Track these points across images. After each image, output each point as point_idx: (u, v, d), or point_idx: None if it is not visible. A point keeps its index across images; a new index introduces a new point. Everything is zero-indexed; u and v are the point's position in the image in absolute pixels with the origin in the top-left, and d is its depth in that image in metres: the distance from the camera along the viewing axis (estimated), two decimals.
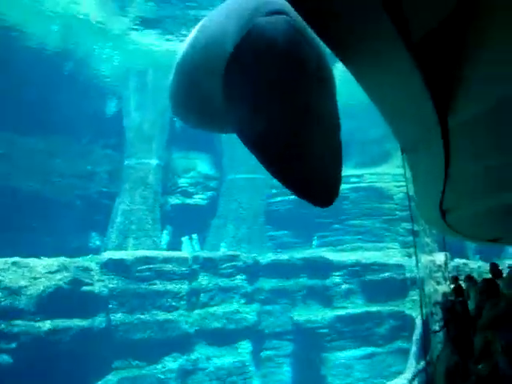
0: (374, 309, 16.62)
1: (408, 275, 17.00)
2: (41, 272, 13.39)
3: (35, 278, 13.21)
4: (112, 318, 14.55)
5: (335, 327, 16.36)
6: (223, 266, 16.78)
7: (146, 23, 15.80)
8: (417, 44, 2.22)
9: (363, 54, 2.42)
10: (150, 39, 16.60)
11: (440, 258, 15.91)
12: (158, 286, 15.44)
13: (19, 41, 15.69)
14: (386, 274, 17.18)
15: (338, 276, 17.35)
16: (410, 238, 18.88)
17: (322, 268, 17.39)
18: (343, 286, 17.25)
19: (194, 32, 5.55)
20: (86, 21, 15.50)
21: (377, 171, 21.22)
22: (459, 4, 2.13)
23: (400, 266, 17.33)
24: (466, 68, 2.39)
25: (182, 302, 15.67)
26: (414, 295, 16.34)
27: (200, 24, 5.42)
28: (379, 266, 17.37)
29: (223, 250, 18.42)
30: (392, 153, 19.44)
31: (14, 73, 15.59)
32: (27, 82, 15.92)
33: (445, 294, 7.58)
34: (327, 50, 2.67)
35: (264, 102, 4.08)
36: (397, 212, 20.36)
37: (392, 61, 2.38)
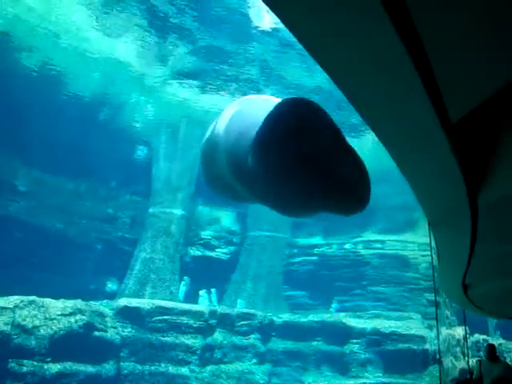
0: (391, 381, 16.03)
1: (428, 347, 16.49)
2: (56, 313, 13.35)
3: (49, 319, 13.16)
4: (122, 366, 14.33)
5: None
6: (239, 323, 16.55)
7: (183, 76, 16.21)
8: (454, 125, 2.22)
9: (401, 135, 2.43)
10: (185, 92, 16.99)
11: (459, 332, 15.44)
12: (172, 338, 15.23)
13: (60, 86, 16.23)
14: (406, 345, 16.63)
15: (355, 343, 16.87)
16: (432, 309, 18.42)
17: (340, 333, 16.98)
18: (360, 354, 16.75)
19: (219, 119, 6.41)
20: (125, 70, 15.97)
21: (401, 238, 20.95)
22: (497, 91, 2.13)
23: (420, 338, 16.81)
24: (500, 151, 2.36)
25: (194, 357, 15.39)
26: (433, 370, 15.78)
27: (223, 114, 6.32)
28: (399, 335, 16.85)
29: (240, 307, 18.19)
30: (417, 221, 19.25)
31: (50, 115, 16.07)
32: (62, 124, 16.37)
33: (462, 371, 7.41)
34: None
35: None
36: (420, 281, 19.95)
37: (429, 141, 2.37)
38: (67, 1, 13.10)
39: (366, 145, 18.43)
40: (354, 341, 16.87)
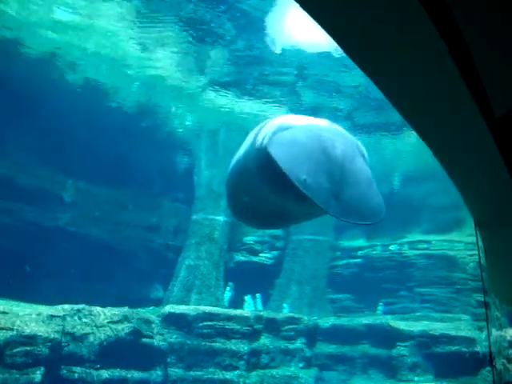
0: None
1: (478, 350, 16.04)
2: (104, 321, 13.58)
3: (98, 327, 13.40)
4: (169, 372, 14.47)
5: None
6: (285, 327, 16.50)
7: (221, 83, 16.32)
8: (499, 120, 2.15)
9: (444, 133, 2.37)
10: (224, 99, 17.10)
11: (511, 333, 14.97)
12: (218, 343, 15.29)
13: (102, 99, 16.59)
14: (456, 348, 16.21)
15: (404, 346, 16.55)
16: (481, 310, 17.95)
17: (387, 336, 16.72)
18: (409, 358, 16.43)
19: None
20: (164, 79, 16.19)
21: (447, 238, 20.51)
22: None
23: (470, 340, 16.37)
24: None
25: (241, 362, 15.41)
26: (486, 373, 15.34)
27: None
28: (448, 338, 16.42)
29: (285, 311, 18.16)
30: (464, 220, 18.83)
31: (93, 127, 16.46)
32: (105, 135, 16.73)
33: None
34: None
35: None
36: (468, 282, 19.48)
37: (473, 138, 2.31)
38: (105, 19, 13.36)
39: (406, 144, 18.17)
40: (402, 344, 16.56)
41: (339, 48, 2.07)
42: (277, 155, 5.58)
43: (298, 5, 1.86)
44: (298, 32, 13.25)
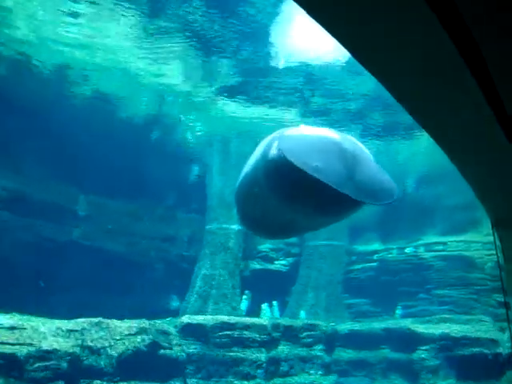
0: None
1: (501, 351, 15.80)
2: (122, 333, 13.59)
3: (116, 339, 13.41)
4: (188, 383, 14.44)
5: None
6: (303, 334, 16.42)
7: (230, 92, 16.36)
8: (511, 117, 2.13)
9: (457, 134, 2.35)
10: (233, 107, 17.13)
11: None
12: (236, 352, 15.24)
13: (112, 112, 16.72)
14: (478, 350, 15.94)
15: (424, 350, 16.35)
16: (502, 311, 17.72)
17: (407, 340, 16.54)
18: (430, 361, 16.23)
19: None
20: (173, 91, 16.26)
21: (463, 238, 20.32)
22: None
23: (493, 341, 16.13)
24: None
25: (260, 371, 15.33)
26: (510, 375, 15.10)
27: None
28: (470, 340, 16.15)
29: (302, 318, 18.08)
30: (480, 219, 18.66)
31: (104, 140, 16.57)
32: (116, 148, 16.83)
33: None
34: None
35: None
36: (487, 282, 19.25)
37: (485, 137, 2.28)
38: (115, 33, 13.48)
39: (419, 145, 18.07)
40: (423, 347, 16.36)
41: (347, 53, 2.05)
42: (286, 148, 5.74)
43: (303, 12, 1.85)
44: (305, 39, 13.24)
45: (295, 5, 1.84)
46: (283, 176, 5.96)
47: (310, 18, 1.86)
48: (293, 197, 6.11)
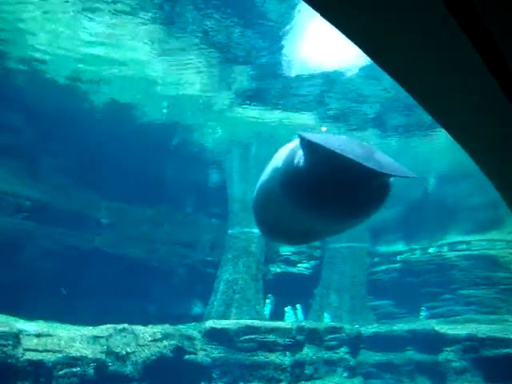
0: None
1: None
2: (147, 339, 13.67)
3: (141, 345, 13.50)
4: None
5: None
6: (327, 337, 16.35)
7: (249, 98, 16.41)
8: None
9: (476, 131, 2.34)
10: (252, 112, 17.18)
11: None
12: (261, 356, 15.23)
13: (131, 119, 16.89)
14: (506, 350, 15.64)
15: (450, 351, 16.15)
16: None
17: (432, 341, 16.37)
18: (457, 362, 16.03)
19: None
20: (192, 96, 16.36)
21: (487, 237, 20.08)
22: None
23: None
24: None
25: (285, 374, 15.31)
26: None
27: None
28: (496, 340, 15.89)
29: (326, 321, 18.01)
30: (503, 218, 18.44)
31: (124, 147, 16.75)
32: (136, 154, 16.99)
33: None
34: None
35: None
36: None
37: (506, 133, 2.27)
38: (129, 42, 13.61)
39: (439, 144, 17.92)
40: (449, 348, 16.17)
41: (364, 57, 2.06)
42: (311, 138, 6.19)
43: (319, 16, 1.86)
44: (320, 43, 13.23)
45: (308, 10, 1.86)
46: (302, 176, 6.27)
47: (323, 20, 1.88)
48: (311, 201, 6.39)
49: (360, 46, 1.94)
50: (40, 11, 12.21)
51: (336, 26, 1.87)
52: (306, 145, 6.21)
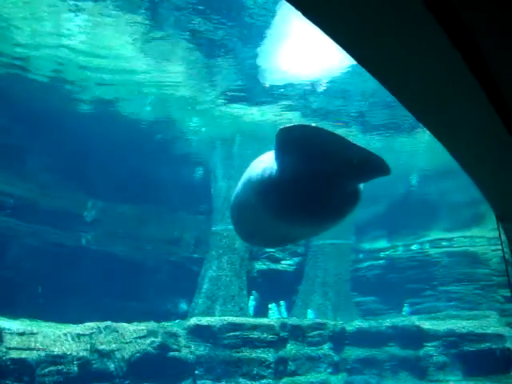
0: None
1: (509, 346, 15.80)
2: (130, 336, 13.65)
3: (125, 343, 13.47)
4: None
5: None
6: (310, 333, 16.44)
7: (232, 95, 16.42)
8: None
9: (457, 129, 2.39)
10: (236, 109, 17.19)
11: None
12: (245, 353, 15.27)
13: (115, 117, 16.81)
14: (485, 345, 15.95)
15: (431, 346, 16.38)
16: (509, 306, 17.73)
17: (414, 337, 16.57)
18: (438, 357, 16.25)
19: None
20: (176, 94, 16.33)
21: (468, 234, 20.34)
22: None
23: (500, 337, 16.15)
24: None
25: (269, 371, 15.37)
26: None
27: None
28: (476, 336, 16.20)
29: (310, 318, 18.10)
30: (484, 215, 18.67)
31: (108, 145, 16.67)
32: (122, 153, 16.91)
33: None
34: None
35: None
36: (493, 277, 19.26)
37: (487, 131, 2.33)
38: (112, 35, 13.54)
39: (420, 143, 18.09)
40: (430, 344, 16.40)
41: (348, 57, 2.10)
42: (298, 126, 6.44)
43: (302, 16, 1.90)
44: (304, 40, 13.25)
45: (291, 10, 1.89)
46: (277, 185, 6.41)
47: (308, 21, 1.92)
48: (286, 208, 6.48)
49: (344, 48, 1.97)
50: (22, 2, 12.10)
51: (319, 26, 1.91)
52: (290, 135, 6.14)
